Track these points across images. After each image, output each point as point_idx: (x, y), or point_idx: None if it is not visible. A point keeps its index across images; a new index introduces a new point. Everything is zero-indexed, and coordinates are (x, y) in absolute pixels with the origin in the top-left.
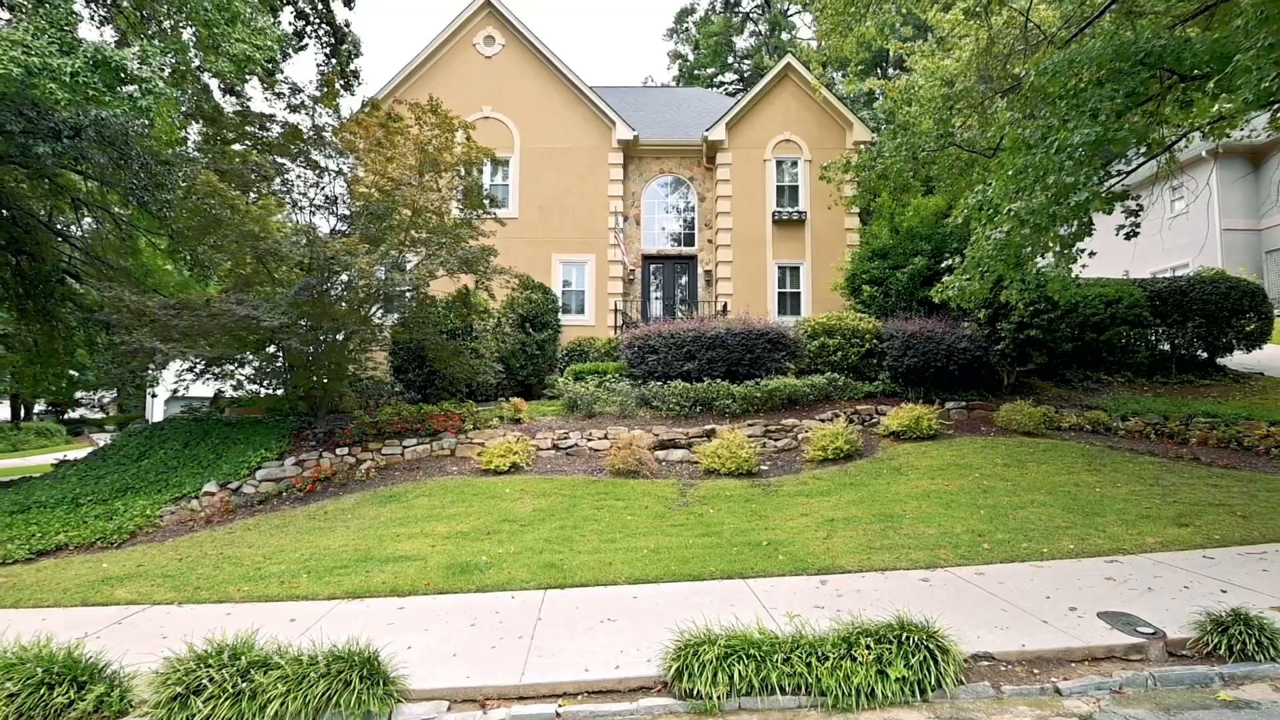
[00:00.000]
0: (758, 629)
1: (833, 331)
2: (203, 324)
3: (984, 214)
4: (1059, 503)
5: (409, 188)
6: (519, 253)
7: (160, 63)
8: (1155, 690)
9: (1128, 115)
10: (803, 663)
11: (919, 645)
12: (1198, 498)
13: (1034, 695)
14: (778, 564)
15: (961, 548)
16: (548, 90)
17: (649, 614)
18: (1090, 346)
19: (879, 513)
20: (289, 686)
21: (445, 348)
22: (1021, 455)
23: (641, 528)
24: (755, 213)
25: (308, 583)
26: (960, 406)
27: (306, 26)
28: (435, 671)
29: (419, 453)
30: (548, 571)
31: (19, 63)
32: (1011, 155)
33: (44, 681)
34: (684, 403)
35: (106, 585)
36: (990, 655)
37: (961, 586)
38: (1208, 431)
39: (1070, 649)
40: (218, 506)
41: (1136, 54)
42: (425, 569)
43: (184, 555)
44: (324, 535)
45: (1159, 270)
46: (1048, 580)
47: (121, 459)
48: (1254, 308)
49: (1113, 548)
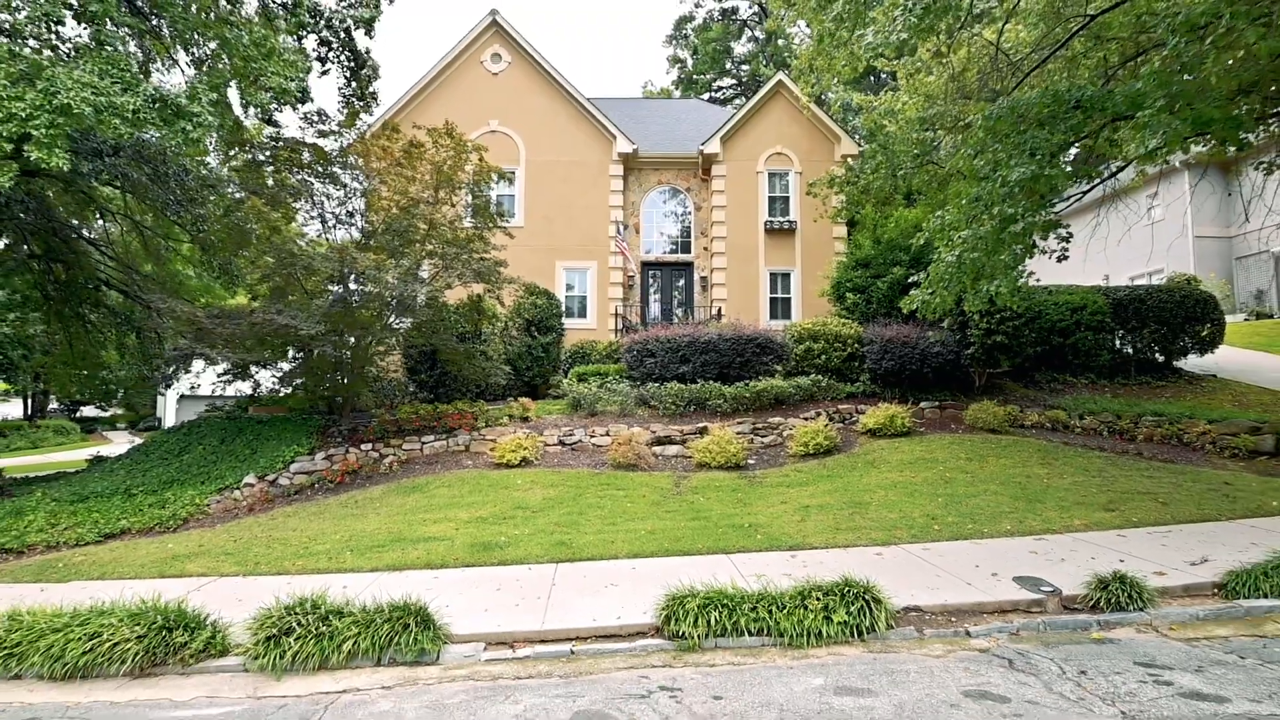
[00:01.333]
0: (731, 587)
1: (817, 336)
2: (244, 331)
3: (944, 235)
4: (1008, 492)
5: (426, 205)
6: (525, 259)
7: (209, 99)
8: (1043, 632)
9: (1061, 155)
10: (765, 611)
11: (858, 598)
12: (1130, 487)
13: (948, 636)
14: (756, 542)
15: (915, 529)
16: (552, 105)
17: (645, 580)
18: (1057, 350)
19: (849, 500)
20: (359, 629)
21: (458, 351)
22: (983, 450)
23: (640, 513)
24: (748, 222)
25: (352, 558)
26: (934, 406)
27: (329, 53)
28: (472, 622)
29: (436, 448)
30: (558, 549)
31: (89, 102)
32: (967, 184)
33: (165, 625)
34: (679, 402)
35: (177, 561)
36: (919, 608)
37: (908, 559)
38: (1153, 429)
39: (984, 603)
40: (258, 496)
41: (1069, 100)
42: (452, 547)
43: (237, 538)
44: (358, 521)
45: (1137, 274)
46: (981, 554)
47: (164, 454)
48: (1206, 315)
49: (1044, 528)
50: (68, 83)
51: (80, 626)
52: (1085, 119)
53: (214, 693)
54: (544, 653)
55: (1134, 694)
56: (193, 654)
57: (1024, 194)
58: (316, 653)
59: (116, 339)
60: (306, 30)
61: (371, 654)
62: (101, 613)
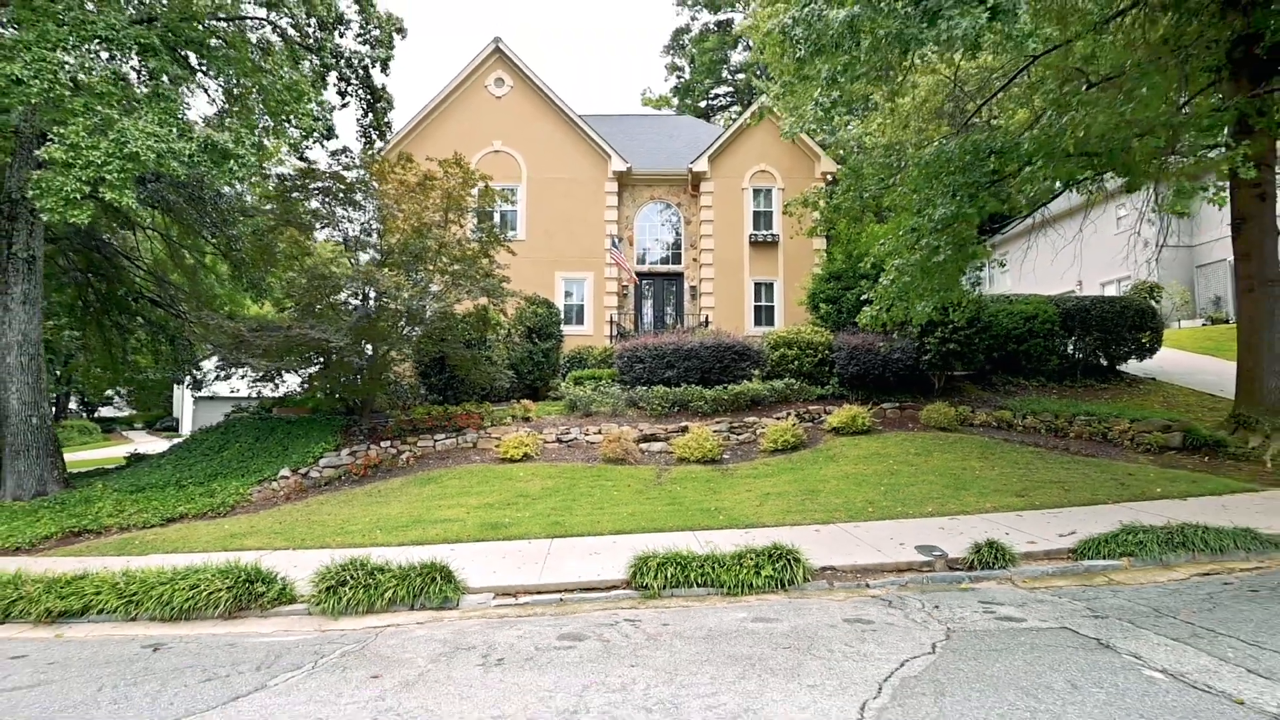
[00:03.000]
0: (687, 551)
1: (791, 344)
2: (280, 342)
3: (888, 261)
4: (942, 481)
5: (438, 228)
6: (526, 270)
7: (251, 141)
8: (925, 585)
9: (981, 195)
10: (710, 568)
11: (783, 558)
12: (1045, 477)
13: (852, 587)
14: (719, 522)
15: (853, 511)
16: (551, 127)
17: (623, 550)
18: (1012, 355)
19: (804, 489)
20: (397, 581)
21: (466, 357)
22: (931, 446)
23: (624, 500)
24: (734, 235)
25: (382, 535)
26: (895, 406)
27: (349, 88)
28: (483, 579)
29: (447, 445)
30: (554, 527)
31: (153, 149)
32: (905, 218)
33: (247, 579)
34: (665, 404)
35: (234, 539)
36: (834, 567)
37: (840, 534)
38: (1084, 427)
39: (885, 564)
40: (293, 487)
41: (985, 150)
42: (465, 526)
43: (280, 521)
44: (382, 507)
45: (1108, 280)
46: (900, 530)
47: (206, 450)
48: (1145, 324)
49: (959, 511)
50: (135, 133)
51: (183, 579)
52: (1001, 163)
53: (289, 628)
54: (539, 600)
55: (964, 619)
56: (269, 601)
57: (946, 229)
58: (365, 599)
59: (152, 346)
60: (329, 70)
61: (406, 600)
62: (195, 571)
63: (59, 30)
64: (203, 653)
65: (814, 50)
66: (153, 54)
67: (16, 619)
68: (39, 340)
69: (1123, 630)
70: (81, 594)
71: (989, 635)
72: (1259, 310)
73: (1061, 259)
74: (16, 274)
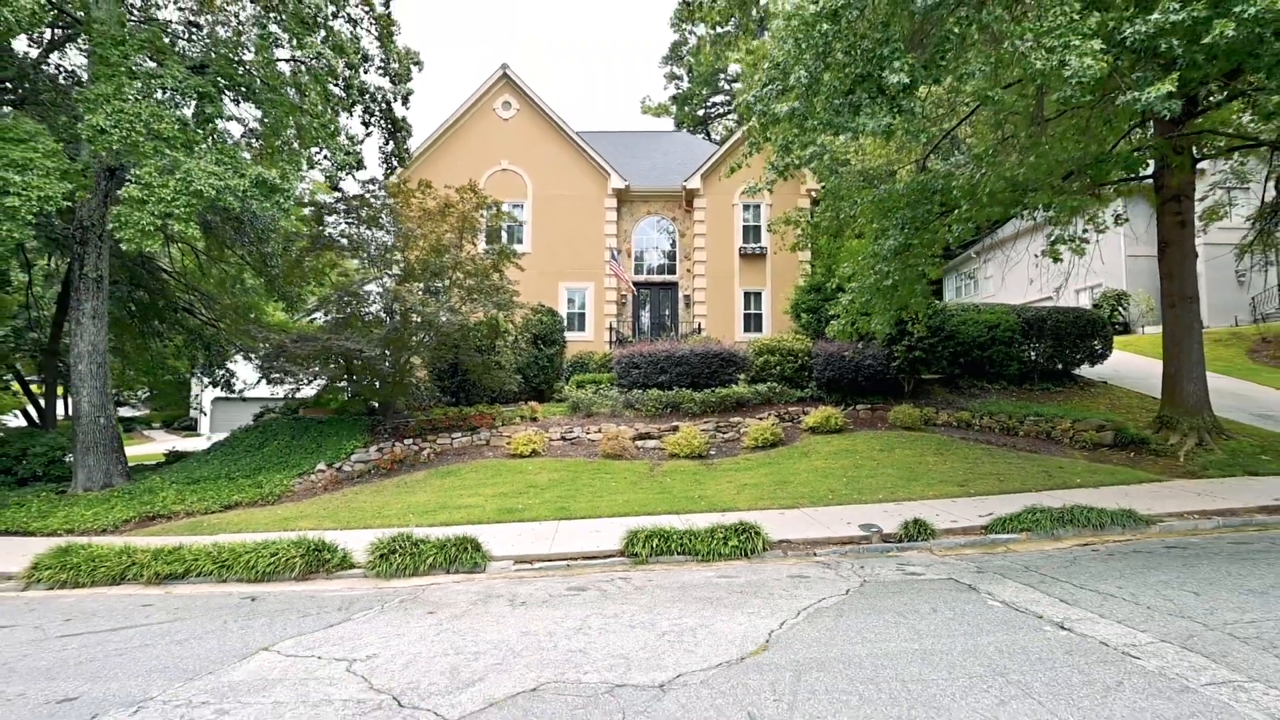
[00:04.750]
0: (670, 528)
1: (774, 350)
2: (316, 351)
3: (849, 283)
4: (899, 474)
5: (454, 248)
6: (533, 281)
7: (297, 177)
8: (860, 554)
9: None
10: (688, 540)
11: (746, 531)
12: (987, 470)
13: (801, 556)
14: (700, 507)
15: (816, 498)
16: (555, 147)
17: (619, 529)
18: (977, 361)
19: (778, 480)
20: (436, 550)
21: (478, 362)
22: (895, 444)
23: (620, 489)
24: (725, 248)
25: (414, 518)
26: (867, 408)
27: (372, 119)
28: (504, 550)
29: (463, 443)
30: (560, 512)
31: (214, 186)
32: (864, 244)
33: (316, 549)
34: (658, 406)
35: (288, 522)
36: (789, 540)
37: (801, 517)
38: (1033, 426)
39: (832, 538)
40: (329, 479)
41: (929, 189)
42: (485, 511)
43: (324, 507)
44: (410, 495)
45: (1082, 288)
46: (850, 513)
47: (247, 447)
48: (1096, 332)
49: (906, 497)
50: (198, 172)
51: (264, 549)
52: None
53: (352, 586)
54: (551, 566)
55: (879, 574)
56: (334, 566)
57: (896, 258)
58: (411, 564)
59: (189, 351)
60: (355, 104)
61: (444, 566)
62: (272, 543)
63: (132, 83)
64: (292, 601)
65: (770, 122)
66: (209, 100)
67: (131, 580)
68: (105, 349)
69: (991, 580)
70: (183, 560)
71: (893, 584)
72: (1180, 324)
73: (1040, 267)
74: (87, 292)
